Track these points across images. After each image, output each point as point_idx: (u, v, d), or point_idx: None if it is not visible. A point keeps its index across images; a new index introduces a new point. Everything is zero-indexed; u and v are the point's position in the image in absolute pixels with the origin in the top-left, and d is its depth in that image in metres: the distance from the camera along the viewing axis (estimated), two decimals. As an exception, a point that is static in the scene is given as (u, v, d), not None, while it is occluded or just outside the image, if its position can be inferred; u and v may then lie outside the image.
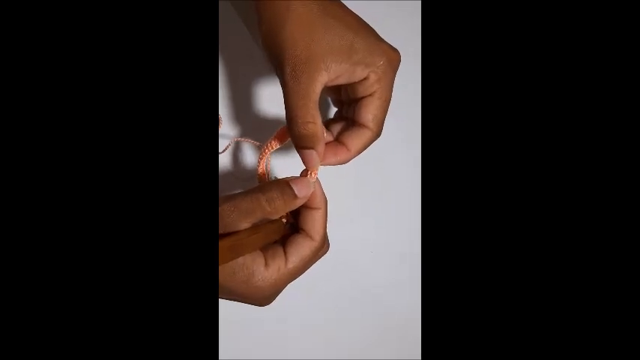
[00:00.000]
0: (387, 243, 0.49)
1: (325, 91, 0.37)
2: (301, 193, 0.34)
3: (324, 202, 0.36)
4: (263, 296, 0.35)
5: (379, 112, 0.36)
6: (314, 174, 0.36)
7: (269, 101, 0.48)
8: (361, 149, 0.37)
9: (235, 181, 0.48)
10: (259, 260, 0.34)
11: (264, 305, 0.36)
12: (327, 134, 0.37)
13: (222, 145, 0.45)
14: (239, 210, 0.33)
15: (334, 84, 0.35)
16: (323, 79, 0.34)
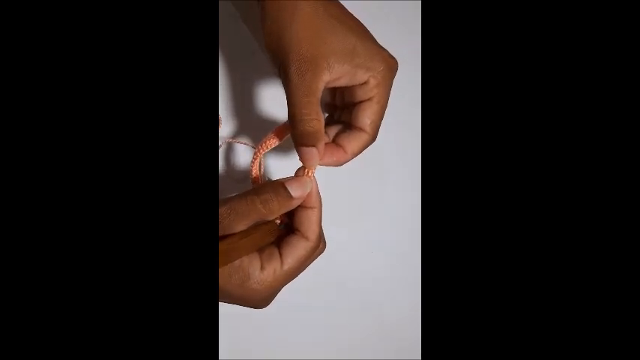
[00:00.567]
0: (387, 243, 0.49)
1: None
2: (296, 193, 0.34)
3: (319, 202, 0.36)
4: (260, 298, 0.35)
5: (376, 116, 0.36)
6: (311, 172, 0.35)
7: (269, 101, 0.48)
8: (357, 152, 0.37)
9: (229, 182, 0.48)
10: (255, 263, 0.34)
11: (261, 307, 0.36)
12: None
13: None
14: (235, 213, 0.33)
15: (335, 85, 0.35)
16: (326, 77, 0.34)
